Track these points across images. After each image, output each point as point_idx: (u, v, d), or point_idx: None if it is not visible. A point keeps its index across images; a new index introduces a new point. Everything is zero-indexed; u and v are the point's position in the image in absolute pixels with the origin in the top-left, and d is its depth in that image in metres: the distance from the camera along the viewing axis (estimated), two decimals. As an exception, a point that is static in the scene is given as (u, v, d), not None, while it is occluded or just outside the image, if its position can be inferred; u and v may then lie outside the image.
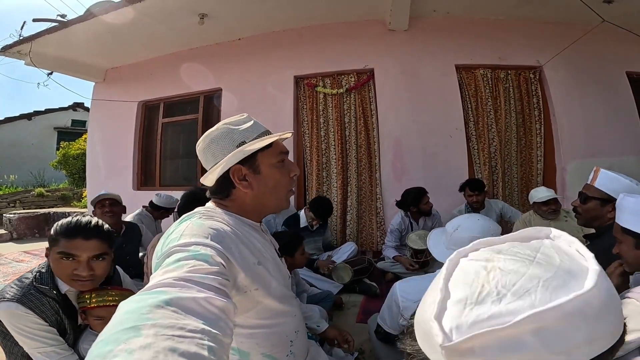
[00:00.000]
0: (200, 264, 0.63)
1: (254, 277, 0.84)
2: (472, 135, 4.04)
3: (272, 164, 0.97)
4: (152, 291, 0.51)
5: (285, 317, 0.97)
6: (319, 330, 1.51)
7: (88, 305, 1.20)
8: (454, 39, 4.06)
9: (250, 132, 0.95)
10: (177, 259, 0.64)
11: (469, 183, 3.45)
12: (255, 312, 0.87)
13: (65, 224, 1.19)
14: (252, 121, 0.99)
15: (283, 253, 2.21)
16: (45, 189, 8.19)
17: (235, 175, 0.93)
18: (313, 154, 4.22)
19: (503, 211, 3.54)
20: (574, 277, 0.37)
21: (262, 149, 0.95)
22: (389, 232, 3.45)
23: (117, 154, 5.28)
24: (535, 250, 0.42)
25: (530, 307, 0.35)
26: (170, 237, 0.77)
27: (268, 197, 0.98)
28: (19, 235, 5.85)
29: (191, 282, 0.56)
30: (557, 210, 2.84)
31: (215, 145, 0.94)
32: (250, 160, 0.94)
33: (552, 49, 3.86)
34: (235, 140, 0.93)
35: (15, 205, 7.19)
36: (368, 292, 2.92)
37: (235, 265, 0.78)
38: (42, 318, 1.12)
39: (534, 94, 4.03)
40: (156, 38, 4.48)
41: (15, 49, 4.53)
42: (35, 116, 11.72)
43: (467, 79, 4.08)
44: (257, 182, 0.95)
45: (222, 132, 0.96)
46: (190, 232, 0.76)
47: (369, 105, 4.17)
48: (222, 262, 0.69)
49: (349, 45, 4.20)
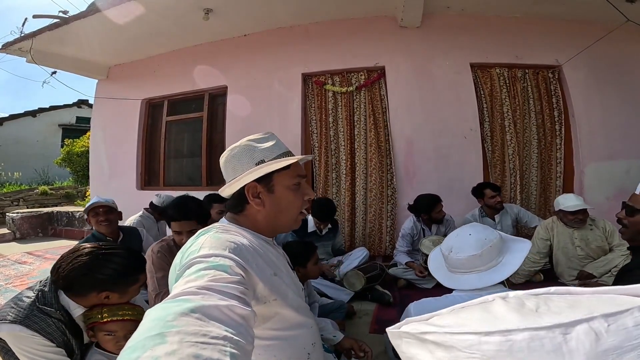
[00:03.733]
0: (220, 273, 0.65)
1: (272, 287, 0.85)
2: (487, 136, 3.89)
3: (287, 185, 0.99)
4: (176, 299, 0.53)
5: (302, 329, 0.97)
6: (335, 341, 1.51)
7: (100, 321, 1.17)
8: (469, 36, 3.91)
9: (270, 152, 0.97)
10: (198, 269, 0.66)
11: (488, 185, 3.32)
12: (272, 322, 0.88)
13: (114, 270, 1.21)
14: (275, 140, 1.00)
15: (295, 264, 2.10)
16: (49, 187, 8.12)
17: (250, 192, 0.96)
18: (322, 154, 4.09)
19: (519, 216, 3.41)
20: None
21: (279, 170, 0.97)
22: (401, 236, 3.32)
23: (120, 152, 5.19)
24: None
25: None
26: (190, 250, 0.79)
27: (279, 216, 1.00)
28: (22, 235, 5.78)
29: (213, 291, 0.57)
30: (583, 221, 2.70)
31: (235, 161, 0.97)
32: (266, 179, 0.96)
33: (572, 48, 3.71)
34: (255, 158, 0.95)
35: (18, 203, 7.12)
36: (381, 300, 2.79)
37: (254, 276, 0.80)
38: (49, 339, 1.08)
39: (554, 94, 3.86)
40: (160, 34, 4.37)
41: (16, 46, 4.44)
42: (40, 113, 11.66)
43: (482, 78, 3.92)
44: (270, 201, 0.97)
45: (244, 148, 0.98)
46: (209, 245, 0.78)
47: (380, 104, 4.03)
48: (241, 272, 0.70)
49: (358, 42, 4.06)
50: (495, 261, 1.12)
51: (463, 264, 1.14)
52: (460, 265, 1.15)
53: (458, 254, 1.15)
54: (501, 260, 1.12)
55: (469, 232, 1.19)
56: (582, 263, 2.71)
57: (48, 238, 5.86)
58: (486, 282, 1.09)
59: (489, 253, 1.11)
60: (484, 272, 1.11)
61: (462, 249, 1.15)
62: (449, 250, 1.19)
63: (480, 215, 3.42)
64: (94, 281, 1.16)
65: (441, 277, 1.24)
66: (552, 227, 2.87)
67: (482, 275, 1.11)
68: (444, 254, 1.23)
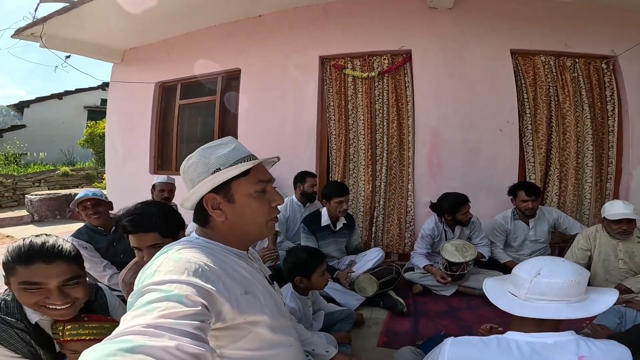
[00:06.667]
0: (173, 305, 0.61)
1: (241, 307, 0.79)
2: (526, 129, 3.47)
3: (248, 193, 0.91)
4: (117, 340, 0.50)
5: (280, 348, 0.92)
6: (328, 357, 1.48)
7: (60, 338, 1.07)
8: (509, 21, 3.47)
9: (226, 158, 0.89)
10: (149, 300, 0.62)
11: (524, 186, 2.96)
12: (244, 342, 0.82)
13: (17, 248, 1.03)
14: (234, 145, 0.93)
15: (297, 274, 1.87)
16: (70, 168, 8.26)
17: (209, 204, 0.89)
18: (340, 142, 3.80)
19: (558, 222, 3.04)
20: None
21: (238, 176, 0.89)
22: (420, 237, 3.02)
23: (134, 136, 5.11)
24: None
25: None
26: (146, 273, 0.74)
27: (245, 227, 0.93)
28: (40, 218, 5.85)
29: (162, 329, 0.54)
30: (628, 232, 2.34)
31: (192, 171, 0.91)
32: (224, 189, 0.89)
33: (630, 38, 3.25)
34: (211, 166, 0.89)
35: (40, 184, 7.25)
36: (393, 309, 2.53)
37: (219, 298, 0.74)
38: (12, 350, 1.02)
39: (608, 86, 3.40)
40: (173, 15, 4.15)
41: (28, 31, 4.34)
42: (66, 96, 11.94)
43: (524, 66, 3.47)
44: (232, 211, 0.90)
45: (199, 157, 0.91)
46: (165, 268, 0.72)
47: (404, 92, 3.68)
48: (200, 300, 0.66)
49: (382, 24, 3.70)
50: (584, 295, 1.00)
51: (555, 289, 0.98)
52: (550, 291, 0.98)
53: (551, 277, 0.99)
54: (588, 296, 1.01)
55: (561, 260, 1.07)
56: (621, 277, 2.41)
57: (66, 221, 5.92)
58: (579, 313, 0.95)
59: (583, 284, 1.00)
60: (575, 304, 0.97)
61: (556, 272, 0.99)
62: (535, 272, 1.01)
63: (513, 217, 3.08)
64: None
65: (510, 306, 1.03)
66: (595, 237, 2.53)
67: (574, 306, 0.97)
68: (523, 276, 1.03)
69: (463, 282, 2.80)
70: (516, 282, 1.06)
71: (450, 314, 2.53)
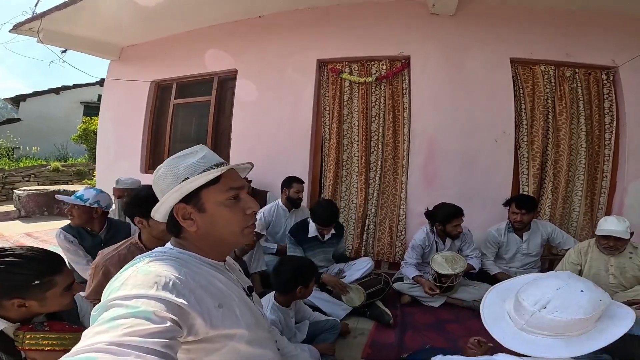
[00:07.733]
0: (139, 323, 0.59)
1: (213, 321, 0.76)
2: (522, 141, 3.43)
3: (219, 201, 0.87)
4: (79, 357, 0.50)
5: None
6: None
7: (20, 347, 1.06)
8: (511, 29, 3.44)
9: (194, 167, 0.86)
10: (113, 316, 0.60)
11: (517, 198, 2.92)
12: (219, 355, 0.80)
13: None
14: (204, 153, 0.90)
15: (281, 289, 1.84)
16: (61, 164, 8.14)
17: (179, 214, 0.86)
18: (332, 148, 3.74)
19: (552, 236, 2.99)
20: None
21: (207, 185, 0.86)
22: (411, 247, 2.97)
23: (127, 134, 5.03)
24: None
25: None
26: (113, 286, 0.72)
27: (218, 237, 0.89)
28: (27, 213, 5.72)
29: (127, 347, 0.54)
30: (615, 248, 2.29)
31: (161, 182, 0.88)
32: (194, 198, 0.86)
33: (632, 48, 3.22)
34: (179, 176, 0.86)
35: (29, 179, 7.13)
36: (380, 320, 2.46)
37: (191, 312, 0.71)
38: None
39: (606, 98, 3.36)
40: (174, 13, 4.11)
41: (26, 26, 4.31)
42: (63, 91, 11.85)
43: (523, 75, 3.43)
44: (203, 221, 0.87)
45: (168, 167, 0.88)
46: (133, 282, 0.70)
47: (401, 98, 3.64)
48: (170, 316, 0.65)
49: (381, 28, 3.66)
50: (592, 325, 0.86)
51: (555, 326, 0.85)
52: (549, 328, 0.86)
53: (556, 313, 0.85)
54: (597, 325, 0.86)
55: (580, 288, 0.89)
56: (611, 292, 2.34)
57: (53, 217, 5.80)
58: (575, 351, 0.83)
59: (594, 318, 0.86)
60: (575, 338, 0.85)
61: (566, 308, 0.85)
62: (541, 305, 0.88)
63: (507, 230, 3.03)
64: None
65: (501, 334, 0.93)
66: (587, 251, 2.48)
67: (572, 341, 0.84)
68: (525, 306, 0.91)
69: (451, 293, 2.75)
70: (517, 308, 0.95)
71: (438, 326, 2.47)
